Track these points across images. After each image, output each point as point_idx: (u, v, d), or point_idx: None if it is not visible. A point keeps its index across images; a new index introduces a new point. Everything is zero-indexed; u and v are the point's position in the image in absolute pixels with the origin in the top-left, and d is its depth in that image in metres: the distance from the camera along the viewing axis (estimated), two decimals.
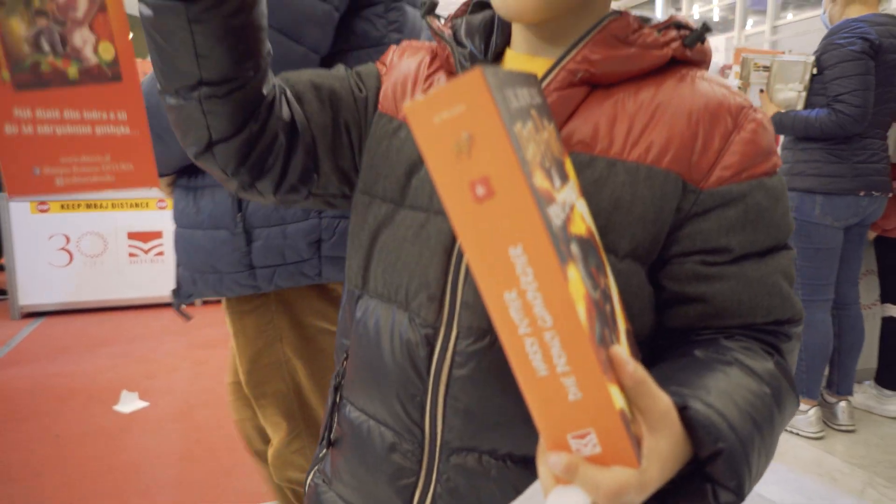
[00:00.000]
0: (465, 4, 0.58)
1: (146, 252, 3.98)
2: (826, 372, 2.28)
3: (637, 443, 0.33)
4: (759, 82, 2.37)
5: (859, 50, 1.92)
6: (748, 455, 0.38)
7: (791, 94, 2.18)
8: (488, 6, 0.57)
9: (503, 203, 0.28)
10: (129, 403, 2.48)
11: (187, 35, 0.45)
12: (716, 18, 11.94)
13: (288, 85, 0.55)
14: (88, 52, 0.43)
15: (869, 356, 2.48)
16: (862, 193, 2.03)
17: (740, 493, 0.38)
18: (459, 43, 0.54)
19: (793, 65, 2.18)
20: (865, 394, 2.43)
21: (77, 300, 3.86)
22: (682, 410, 0.37)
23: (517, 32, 0.54)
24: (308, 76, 0.57)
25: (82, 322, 3.71)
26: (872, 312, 2.55)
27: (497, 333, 0.30)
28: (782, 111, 2.13)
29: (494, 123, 0.27)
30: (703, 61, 0.52)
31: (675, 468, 0.35)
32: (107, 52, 0.44)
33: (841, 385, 2.26)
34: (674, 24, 0.50)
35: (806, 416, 2.18)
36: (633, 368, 0.33)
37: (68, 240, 3.80)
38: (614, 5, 0.53)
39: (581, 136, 0.48)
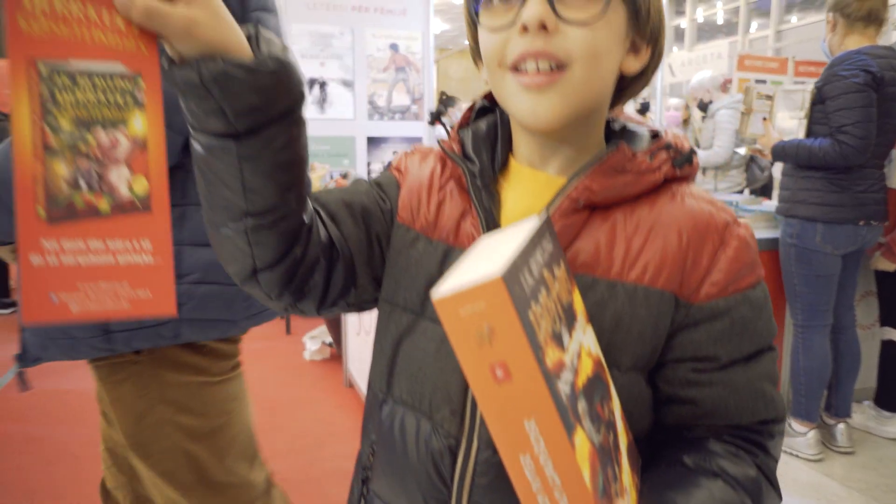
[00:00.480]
0: (469, 110, 0.62)
1: None
2: (825, 394, 2.33)
3: None
4: (762, 110, 2.44)
5: (862, 82, 1.96)
6: None
7: (792, 122, 2.24)
8: (490, 111, 0.61)
9: (518, 385, 0.33)
10: None
11: (237, 171, 0.48)
12: (720, 21, 11.95)
13: (320, 205, 0.58)
14: (123, 188, 0.45)
15: (868, 376, 2.52)
16: (861, 223, 2.08)
17: None
18: (467, 156, 0.58)
19: (793, 94, 2.24)
20: (864, 414, 2.47)
21: None
22: None
23: (522, 144, 0.58)
24: (338, 195, 0.61)
25: None
26: (871, 333, 2.59)
27: (513, 486, 0.35)
28: (784, 139, 2.18)
29: (511, 320, 0.32)
30: (690, 175, 0.56)
31: None
32: (140, 186, 0.46)
33: (839, 407, 2.30)
34: (664, 146, 0.55)
35: (805, 438, 2.22)
36: None
37: None
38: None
39: (584, 258, 0.52)
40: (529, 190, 0.57)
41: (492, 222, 0.55)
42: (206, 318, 0.96)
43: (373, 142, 4.27)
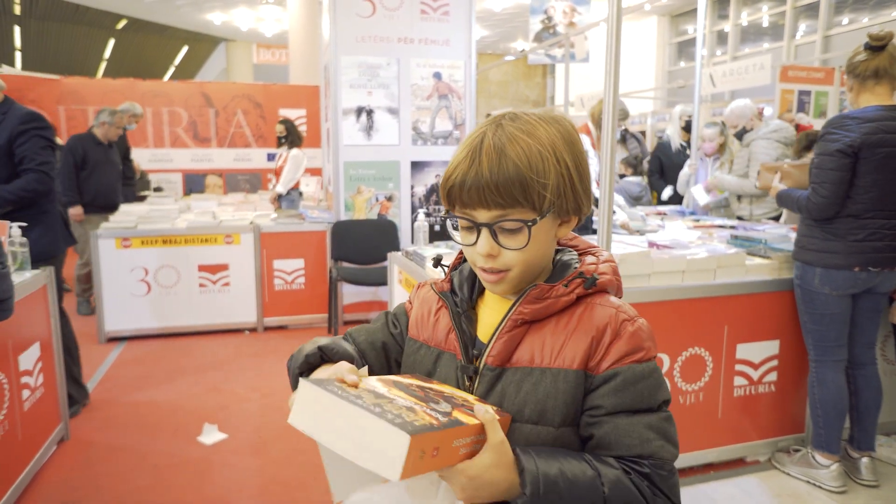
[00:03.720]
0: (460, 255, 0.88)
1: (214, 283, 4.34)
2: (848, 427, 2.42)
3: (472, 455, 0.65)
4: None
5: (838, 149, 2.16)
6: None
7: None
8: None
9: None
10: (211, 435, 2.79)
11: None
12: (765, 24, 11.74)
13: (356, 344, 0.90)
14: None
15: (894, 410, 2.60)
16: (857, 269, 2.21)
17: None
18: (454, 291, 0.85)
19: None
20: (891, 447, 2.56)
21: (153, 326, 4.26)
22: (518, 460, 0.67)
23: None
24: (364, 336, 0.92)
25: (159, 347, 4.09)
26: (894, 368, 2.67)
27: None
28: (785, 187, 2.51)
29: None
30: (606, 286, 0.79)
31: (502, 476, 0.65)
32: None
33: (862, 441, 2.40)
34: (578, 275, 0.77)
35: (828, 470, 2.33)
36: (483, 413, 0.66)
37: (147, 272, 4.19)
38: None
39: (526, 355, 0.76)
40: (495, 310, 0.82)
41: (466, 337, 0.81)
42: None
43: (416, 166, 4.49)
